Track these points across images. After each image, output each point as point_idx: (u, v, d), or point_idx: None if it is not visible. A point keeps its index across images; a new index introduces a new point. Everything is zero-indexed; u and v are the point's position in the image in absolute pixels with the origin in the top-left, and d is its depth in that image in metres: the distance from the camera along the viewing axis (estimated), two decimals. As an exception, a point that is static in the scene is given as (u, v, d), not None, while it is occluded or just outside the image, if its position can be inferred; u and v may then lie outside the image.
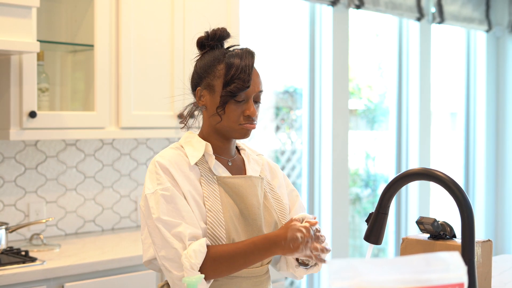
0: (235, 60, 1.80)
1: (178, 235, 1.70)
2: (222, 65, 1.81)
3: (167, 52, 3.16)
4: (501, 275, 2.28)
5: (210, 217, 1.76)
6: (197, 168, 1.82)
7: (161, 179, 1.76)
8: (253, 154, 1.99)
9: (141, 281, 2.78)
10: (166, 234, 1.71)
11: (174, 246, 1.70)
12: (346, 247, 4.59)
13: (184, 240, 1.70)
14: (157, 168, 1.78)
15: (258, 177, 1.91)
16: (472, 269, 1.46)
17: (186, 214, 1.73)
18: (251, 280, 1.84)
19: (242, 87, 1.78)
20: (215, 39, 1.86)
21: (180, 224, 1.72)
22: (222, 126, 1.83)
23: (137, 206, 3.44)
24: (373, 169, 5.22)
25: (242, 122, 1.82)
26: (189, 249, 1.69)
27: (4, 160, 3.02)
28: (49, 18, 3.10)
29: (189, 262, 1.68)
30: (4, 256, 2.65)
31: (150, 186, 1.77)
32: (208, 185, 1.80)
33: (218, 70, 1.81)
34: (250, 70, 1.80)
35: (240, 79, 1.78)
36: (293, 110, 4.58)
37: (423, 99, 5.16)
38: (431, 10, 5.17)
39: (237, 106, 1.80)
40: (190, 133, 1.91)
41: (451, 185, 1.50)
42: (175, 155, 1.82)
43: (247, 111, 1.81)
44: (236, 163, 1.92)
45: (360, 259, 1.00)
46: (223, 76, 1.80)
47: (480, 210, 5.83)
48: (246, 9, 4.01)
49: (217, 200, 1.79)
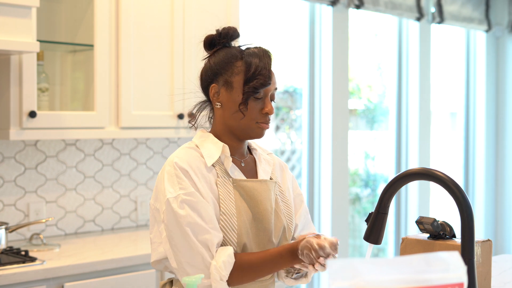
0: (254, 58, 1.80)
1: (205, 242, 1.70)
2: (241, 62, 1.81)
3: (167, 52, 3.16)
4: (501, 275, 2.28)
5: (223, 220, 1.75)
6: (214, 170, 1.81)
7: (183, 183, 1.74)
8: (264, 154, 1.97)
9: (141, 281, 2.79)
10: (193, 239, 1.70)
11: (201, 253, 1.70)
12: (346, 247, 4.59)
13: (211, 248, 1.70)
14: (177, 171, 1.75)
15: (273, 181, 1.90)
16: (472, 269, 1.46)
17: (210, 221, 1.73)
18: (256, 284, 1.85)
19: (265, 82, 1.78)
20: (228, 37, 1.86)
21: (207, 231, 1.71)
22: (239, 125, 1.82)
23: (137, 206, 3.44)
24: (372, 169, 5.22)
25: (260, 120, 1.81)
26: (219, 260, 1.69)
27: (4, 160, 3.02)
28: (49, 18, 3.10)
29: (219, 274, 1.68)
30: (4, 256, 2.65)
31: (172, 190, 1.74)
32: (224, 187, 1.79)
33: (237, 67, 1.80)
34: (269, 66, 1.80)
35: (262, 75, 1.78)
36: (293, 110, 4.58)
37: (422, 99, 5.16)
38: (431, 10, 5.17)
39: (256, 103, 1.81)
40: (203, 131, 1.89)
41: (451, 185, 1.50)
42: (192, 157, 1.79)
43: (265, 109, 1.81)
44: (248, 164, 1.91)
45: (360, 259, 1.00)
46: (243, 72, 1.79)
47: (480, 210, 5.83)
48: (246, 9, 4.01)
49: (232, 203, 1.78)
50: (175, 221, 1.72)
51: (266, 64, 1.80)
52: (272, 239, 1.84)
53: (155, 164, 3.50)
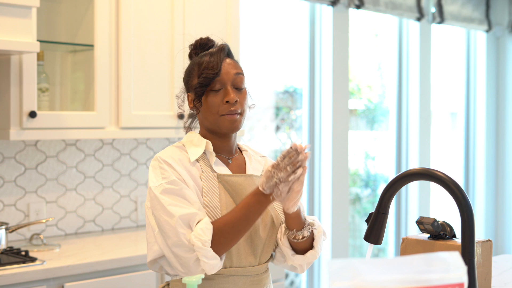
0: (205, 57, 1.86)
1: (187, 220, 1.72)
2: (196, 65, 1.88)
3: (167, 52, 3.16)
4: (501, 275, 2.28)
5: (206, 212, 1.78)
6: (198, 164, 1.85)
7: (166, 173, 1.79)
8: (256, 155, 2.00)
9: (141, 281, 2.79)
10: (175, 218, 1.72)
11: (184, 230, 1.72)
12: (346, 247, 4.60)
13: (191, 225, 1.73)
14: (160, 163, 1.81)
15: (259, 176, 1.92)
16: (472, 269, 1.46)
17: (194, 202, 1.76)
18: (248, 278, 1.84)
19: (208, 75, 1.82)
20: (200, 47, 1.92)
21: (189, 209, 1.74)
22: (210, 122, 1.86)
23: (137, 206, 3.44)
24: (373, 169, 5.22)
25: (222, 112, 1.83)
26: (196, 229, 1.71)
27: (4, 160, 3.02)
28: (49, 18, 3.10)
29: (200, 240, 1.70)
30: (4, 256, 2.65)
31: (155, 180, 1.80)
32: (208, 181, 1.83)
33: (194, 70, 1.88)
34: (219, 58, 1.84)
35: (208, 68, 1.83)
36: (293, 110, 4.58)
37: (423, 99, 5.16)
38: (431, 10, 5.17)
39: (215, 96, 1.84)
40: (191, 133, 1.96)
41: (451, 185, 1.50)
42: (176, 152, 1.85)
43: (226, 98, 1.83)
44: (236, 162, 1.94)
45: (360, 259, 1.00)
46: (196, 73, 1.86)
47: (480, 210, 5.83)
48: (246, 9, 4.01)
49: (216, 196, 1.81)
50: (159, 205, 1.76)
51: (216, 54, 1.84)
52: (259, 233, 1.85)
53: (155, 164, 3.50)
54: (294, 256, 1.87)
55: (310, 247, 1.87)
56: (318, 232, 1.86)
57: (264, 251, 1.87)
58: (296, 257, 1.87)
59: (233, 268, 1.82)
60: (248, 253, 1.84)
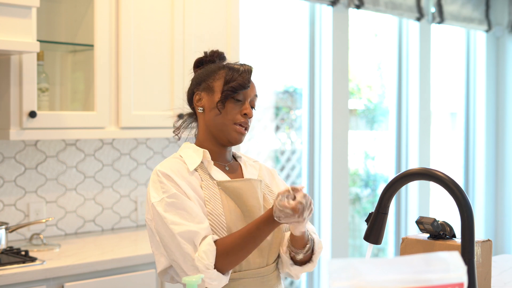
0: (236, 66, 1.93)
1: (191, 239, 1.74)
2: (223, 70, 1.92)
3: (167, 52, 3.16)
4: (501, 275, 2.28)
5: (211, 220, 1.80)
6: (196, 174, 1.87)
7: (166, 187, 1.81)
8: (249, 161, 2.05)
9: (141, 281, 2.79)
10: (178, 239, 1.75)
11: (188, 250, 1.74)
12: (346, 247, 4.59)
13: (196, 244, 1.74)
14: (159, 177, 1.83)
15: (257, 180, 1.96)
16: (472, 269, 1.46)
17: (196, 215, 1.78)
18: (257, 280, 1.86)
19: (243, 84, 1.88)
20: (215, 56, 1.99)
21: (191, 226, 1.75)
22: (217, 125, 1.89)
23: (137, 206, 3.45)
24: (373, 169, 5.22)
25: (237, 121, 1.89)
26: (199, 251, 1.73)
27: (4, 160, 3.02)
28: (49, 18, 3.10)
29: (202, 264, 1.72)
30: (4, 256, 2.65)
31: (155, 195, 1.82)
32: (208, 189, 1.85)
33: (219, 73, 1.92)
34: (250, 74, 1.92)
35: (241, 77, 1.89)
36: (293, 110, 4.58)
37: (423, 99, 5.16)
38: (431, 10, 5.17)
39: (235, 105, 1.89)
40: (187, 143, 1.99)
41: (451, 185, 1.50)
42: (174, 163, 1.88)
43: (244, 110, 1.89)
44: (233, 168, 1.98)
45: (360, 259, 1.00)
46: (224, 77, 1.90)
47: (480, 210, 5.83)
48: (246, 9, 4.01)
49: (218, 203, 1.84)
50: (161, 222, 1.79)
51: (247, 70, 1.91)
52: None
53: (155, 164, 3.50)
54: (293, 266, 1.92)
55: (308, 260, 1.93)
56: (318, 248, 1.91)
57: (271, 251, 1.90)
58: (294, 268, 1.92)
59: (242, 272, 1.84)
60: (256, 255, 1.86)
